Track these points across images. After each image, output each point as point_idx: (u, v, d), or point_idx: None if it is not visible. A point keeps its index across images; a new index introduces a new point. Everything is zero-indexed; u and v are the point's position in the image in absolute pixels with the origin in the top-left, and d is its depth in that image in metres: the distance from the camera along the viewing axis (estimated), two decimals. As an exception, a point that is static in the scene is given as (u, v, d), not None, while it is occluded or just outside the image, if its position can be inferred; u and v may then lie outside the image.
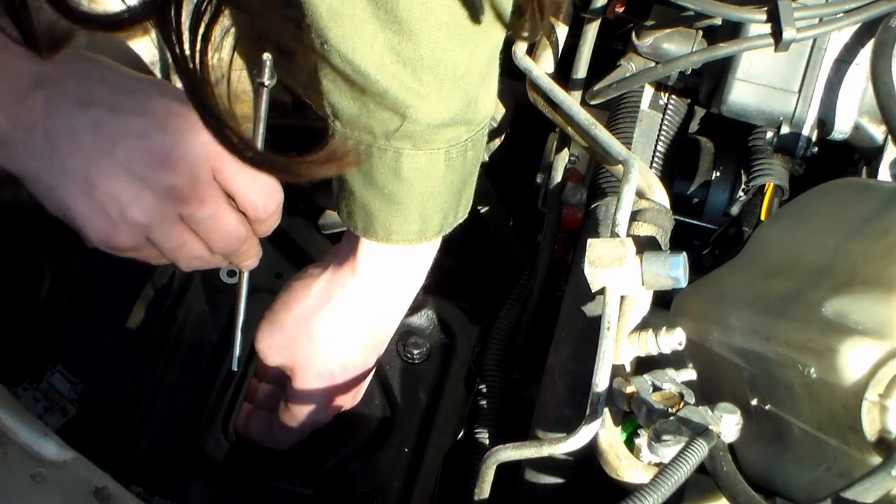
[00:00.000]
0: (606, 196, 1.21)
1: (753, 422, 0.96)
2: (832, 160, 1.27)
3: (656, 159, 1.28)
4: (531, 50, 1.25)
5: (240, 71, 1.21)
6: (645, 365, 1.03)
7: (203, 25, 0.83)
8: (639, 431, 0.99)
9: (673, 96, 1.30)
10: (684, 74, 1.27)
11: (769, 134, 1.24)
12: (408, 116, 1.02)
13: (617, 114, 1.29)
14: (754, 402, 0.96)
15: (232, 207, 1.00)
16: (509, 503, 1.11)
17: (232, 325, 1.15)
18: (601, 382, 0.99)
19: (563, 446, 0.99)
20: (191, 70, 0.84)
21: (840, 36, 1.21)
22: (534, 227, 1.34)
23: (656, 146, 1.28)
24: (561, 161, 1.27)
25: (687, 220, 1.28)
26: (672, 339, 1.01)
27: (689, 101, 1.32)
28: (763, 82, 1.22)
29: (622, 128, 1.28)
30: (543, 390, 1.12)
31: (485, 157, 1.37)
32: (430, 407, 1.24)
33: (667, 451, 0.90)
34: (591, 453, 1.01)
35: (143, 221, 0.95)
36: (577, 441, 0.98)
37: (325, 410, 1.18)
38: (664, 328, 1.02)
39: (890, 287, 0.85)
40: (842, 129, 1.22)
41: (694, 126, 1.35)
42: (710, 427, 0.90)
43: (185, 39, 0.82)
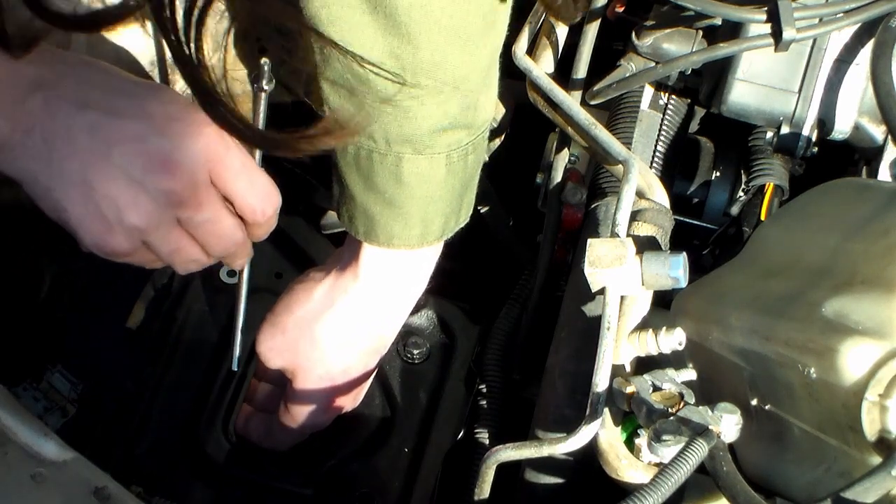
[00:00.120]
0: (606, 196, 1.21)
1: (753, 422, 0.96)
2: (832, 160, 1.27)
3: (656, 159, 1.27)
4: (531, 50, 1.25)
5: (240, 72, 1.21)
6: (645, 365, 1.03)
7: (197, 10, 0.83)
8: (639, 431, 0.99)
9: (673, 96, 1.30)
10: (684, 74, 1.27)
11: (769, 134, 1.24)
12: (407, 121, 1.02)
13: (617, 114, 1.29)
14: (754, 402, 0.96)
15: (229, 211, 0.99)
16: (509, 503, 1.11)
17: (232, 326, 1.15)
18: (601, 382, 0.98)
19: (563, 446, 0.99)
20: (187, 55, 0.84)
21: (840, 36, 1.21)
22: (534, 227, 1.34)
23: (656, 146, 1.28)
24: (561, 161, 1.27)
25: (687, 220, 1.28)
26: (672, 339, 1.01)
27: (689, 101, 1.32)
28: (763, 82, 1.22)
29: (622, 128, 1.28)
30: (543, 390, 1.12)
31: (485, 158, 1.37)
32: (430, 407, 1.24)
33: (667, 451, 0.90)
34: (591, 453, 1.01)
35: (140, 225, 0.94)
36: (577, 441, 0.98)
37: (326, 413, 1.19)
38: (664, 328, 1.02)
39: (890, 287, 0.85)
40: (842, 129, 1.22)
41: (694, 126, 1.34)
42: (710, 427, 0.90)
43: (180, 24, 0.82)
